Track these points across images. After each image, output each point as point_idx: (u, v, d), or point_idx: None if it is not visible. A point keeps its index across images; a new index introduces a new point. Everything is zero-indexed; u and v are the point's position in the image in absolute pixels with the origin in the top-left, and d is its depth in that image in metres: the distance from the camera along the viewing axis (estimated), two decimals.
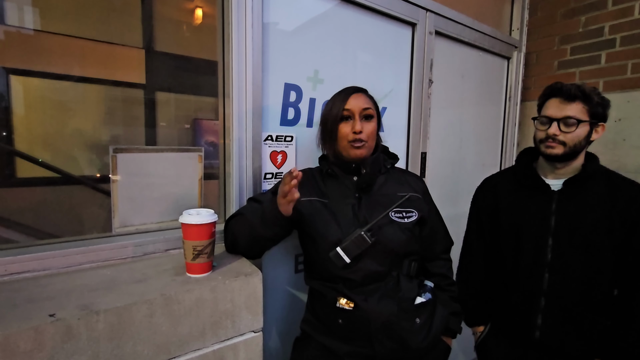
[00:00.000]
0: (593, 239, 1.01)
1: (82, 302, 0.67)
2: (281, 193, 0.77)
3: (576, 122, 0.98)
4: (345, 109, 0.90)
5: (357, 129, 0.88)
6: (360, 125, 0.89)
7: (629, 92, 1.69)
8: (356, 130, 0.88)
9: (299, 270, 1.23)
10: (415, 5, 1.44)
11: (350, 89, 0.94)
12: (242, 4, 0.99)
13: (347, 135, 0.90)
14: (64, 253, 0.82)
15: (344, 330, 0.89)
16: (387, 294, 0.89)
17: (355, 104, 0.90)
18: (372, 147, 0.95)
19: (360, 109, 0.90)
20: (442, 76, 1.64)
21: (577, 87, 0.99)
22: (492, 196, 1.21)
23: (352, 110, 0.90)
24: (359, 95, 0.92)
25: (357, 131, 0.88)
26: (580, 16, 1.84)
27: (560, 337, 1.03)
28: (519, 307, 1.09)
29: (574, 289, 1.02)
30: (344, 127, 0.90)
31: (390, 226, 0.90)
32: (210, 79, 3.26)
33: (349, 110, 0.90)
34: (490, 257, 1.20)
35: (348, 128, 0.90)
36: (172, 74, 2.95)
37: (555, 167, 1.08)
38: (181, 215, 0.80)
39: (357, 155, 0.91)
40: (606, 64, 1.76)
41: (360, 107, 0.90)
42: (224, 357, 0.80)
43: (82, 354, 0.63)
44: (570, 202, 1.04)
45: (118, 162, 0.91)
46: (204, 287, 0.77)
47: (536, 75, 2.03)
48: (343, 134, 0.90)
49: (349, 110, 0.90)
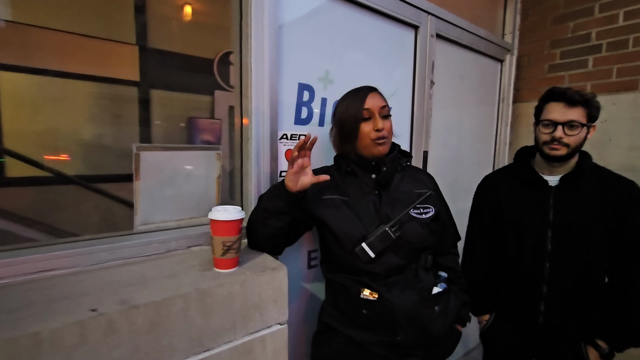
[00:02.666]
0: (588, 230, 1.08)
1: (120, 298, 0.68)
2: (290, 161, 0.83)
3: (579, 126, 1.05)
4: (365, 109, 0.93)
5: (379, 126, 0.92)
6: (382, 122, 0.93)
7: (614, 95, 1.79)
8: (379, 128, 0.92)
9: (311, 266, 1.26)
10: (418, 8, 1.49)
11: (365, 89, 0.98)
12: (259, 6, 1.02)
13: (370, 134, 0.93)
14: (90, 251, 0.82)
15: (369, 320, 0.93)
16: (408, 285, 0.94)
17: (374, 103, 0.94)
18: (390, 144, 0.99)
19: (378, 108, 0.94)
20: (442, 78, 1.70)
21: (578, 93, 1.06)
22: (493, 193, 1.27)
23: (371, 110, 0.94)
24: (375, 95, 0.96)
25: (380, 129, 0.92)
26: (569, 22, 1.94)
27: (561, 321, 1.10)
28: (522, 295, 1.16)
29: (573, 276, 1.09)
30: (365, 126, 0.94)
31: (411, 222, 0.95)
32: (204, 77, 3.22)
33: (368, 109, 0.94)
34: (493, 250, 1.27)
35: (369, 127, 0.94)
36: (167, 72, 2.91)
37: (552, 165, 1.15)
38: (210, 212, 0.82)
39: (381, 152, 0.95)
40: (593, 68, 1.87)
41: (378, 106, 0.94)
42: (252, 349, 0.83)
43: (123, 348, 0.65)
44: (567, 196, 1.12)
45: (141, 160, 0.92)
46: (234, 282, 0.79)
47: (527, 77, 2.12)
48: (365, 133, 0.94)
49: (369, 110, 0.94)
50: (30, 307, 0.63)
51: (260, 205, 0.90)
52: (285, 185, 0.86)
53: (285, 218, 0.88)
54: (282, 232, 0.91)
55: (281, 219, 0.88)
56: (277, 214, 0.87)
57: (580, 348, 1.11)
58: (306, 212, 0.97)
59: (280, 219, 0.88)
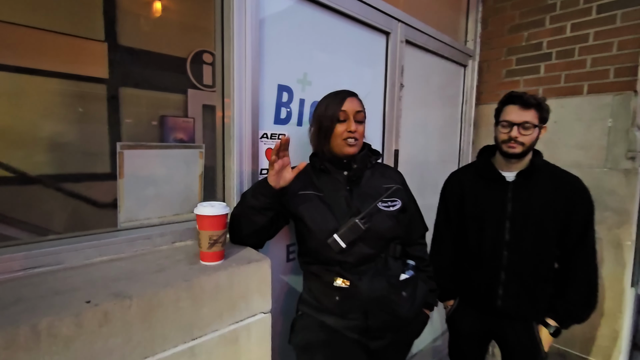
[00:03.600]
0: (541, 220, 1.22)
1: (111, 291, 0.71)
2: (270, 163, 0.90)
3: (532, 126, 1.18)
4: (342, 111, 1.01)
5: (352, 128, 1.00)
6: (355, 125, 1.01)
7: (563, 99, 1.99)
8: (351, 130, 1.00)
9: (290, 259, 1.32)
10: (390, 16, 1.59)
11: (345, 92, 1.05)
12: (242, 8, 1.06)
13: (342, 134, 1.01)
14: (75, 247, 0.84)
15: (341, 307, 1.01)
16: (377, 272, 1.02)
17: (350, 107, 1.02)
18: (361, 145, 1.07)
19: (354, 111, 1.02)
20: (411, 81, 1.81)
21: (532, 97, 1.20)
22: (458, 188, 1.40)
23: (347, 112, 1.01)
24: (354, 99, 1.04)
25: (352, 130, 1.00)
26: (523, 31, 2.12)
27: (517, 303, 1.24)
28: (483, 281, 1.28)
29: (528, 263, 1.23)
30: (339, 126, 1.01)
31: (379, 214, 1.03)
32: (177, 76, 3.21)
33: (345, 112, 1.01)
34: (457, 241, 1.39)
35: (343, 128, 1.01)
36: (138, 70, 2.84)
37: (510, 162, 1.28)
38: (197, 208, 0.86)
39: (350, 152, 1.03)
40: (544, 74, 2.06)
41: (354, 110, 1.02)
42: (238, 336, 0.88)
43: (118, 337, 0.68)
44: (523, 190, 1.25)
45: (125, 158, 0.94)
46: (221, 273, 0.83)
47: (487, 81, 2.29)
48: (338, 133, 1.01)
49: (345, 112, 1.01)
50: (22, 302, 0.65)
51: (246, 203, 0.94)
52: (266, 182, 0.92)
53: (269, 213, 0.94)
54: (266, 226, 0.97)
55: (266, 214, 0.94)
56: (263, 209, 0.93)
57: (532, 327, 1.25)
58: (285, 207, 1.03)
59: (265, 214, 0.94)
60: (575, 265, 1.21)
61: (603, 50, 1.83)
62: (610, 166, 1.84)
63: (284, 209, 1.03)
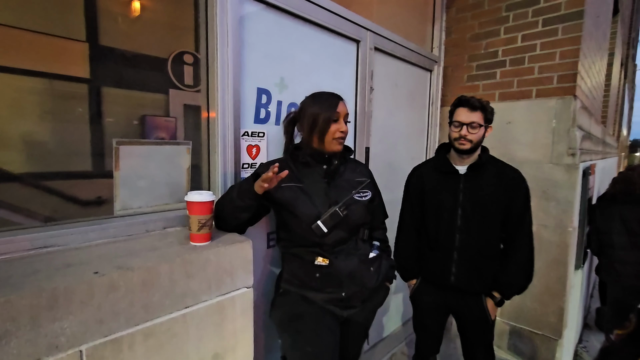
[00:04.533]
0: (487, 208, 1.42)
1: (115, 264, 0.83)
2: (265, 178, 1.01)
3: (479, 126, 1.37)
4: (337, 112, 1.16)
5: (344, 129, 1.16)
6: (345, 126, 1.17)
7: (515, 102, 2.22)
8: (344, 131, 1.15)
9: (270, 246, 1.46)
10: (360, 26, 1.75)
11: (337, 96, 1.20)
12: (224, 18, 1.19)
13: (334, 133, 1.16)
14: (78, 231, 0.95)
15: (321, 282, 1.17)
16: (350, 252, 1.19)
17: (343, 110, 1.18)
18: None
19: (345, 114, 1.18)
20: (380, 84, 1.99)
21: (477, 100, 1.39)
22: (419, 181, 1.58)
23: (340, 114, 1.17)
24: (344, 103, 1.20)
25: (344, 131, 1.16)
26: (482, 40, 2.35)
27: (467, 279, 1.43)
28: (439, 261, 1.47)
29: (476, 245, 1.42)
30: (333, 126, 1.16)
31: (354, 204, 1.20)
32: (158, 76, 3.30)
33: (339, 113, 1.16)
34: (419, 227, 1.57)
35: (336, 127, 1.16)
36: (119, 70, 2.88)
37: (462, 158, 1.47)
38: (187, 195, 0.99)
39: (338, 149, 1.19)
40: (500, 79, 2.28)
41: (345, 113, 1.18)
42: (224, 307, 1.01)
43: (122, 302, 0.80)
44: (472, 182, 1.44)
45: (120, 153, 1.05)
46: (209, 251, 0.97)
47: (451, 85, 2.51)
48: (332, 132, 1.16)
49: (339, 114, 1.16)
50: (39, 272, 0.77)
51: (232, 203, 1.07)
52: (252, 187, 1.05)
53: (253, 209, 1.10)
54: (250, 218, 1.12)
55: (250, 211, 1.09)
56: (248, 208, 1.08)
57: (481, 299, 1.45)
58: (267, 199, 1.17)
59: (250, 211, 1.09)
60: (515, 245, 1.42)
61: (548, 59, 2.07)
62: (554, 161, 2.08)
63: (267, 200, 1.17)
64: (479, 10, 2.33)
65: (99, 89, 2.96)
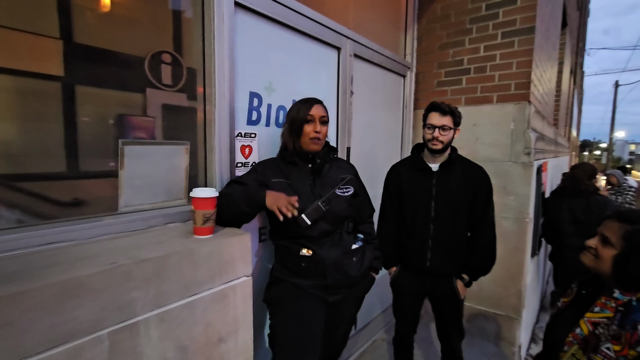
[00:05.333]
0: (456, 200, 1.59)
1: (129, 255, 0.90)
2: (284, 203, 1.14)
3: (449, 128, 1.54)
4: (310, 114, 1.27)
5: (317, 129, 1.27)
6: (320, 127, 1.28)
7: (480, 106, 2.45)
8: (317, 130, 1.26)
9: (262, 240, 1.55)
10: (341, 34, 1.88)
11: (313, 100, 1.32)
12: (221, 28, 1.27)
13: (310, 134, 1.27)
14: (87, 227, 1.00)
15: (306, 270, 1.28)
16: (334, 244, 1.31)
17: (317, 112, 1.28)
18: (323, 144, 1.34)
19: (319, 116, 1.29)
20: (359, 89, 2.13)
21: (447, 106, 1.56)
22: (397, 177, 1.73)
23: (314, 116, 1.28)
24: (319, 106, 1.31)
25: (317, 131, 1.26)
26: (449, 49, 2.56)
27: (441, 263, 1.60)
28: (416, 248, 1.63)
29: (447, 233, 1.59)
30: (307, 127, 1.27)
31: (336, 199, 1.31)
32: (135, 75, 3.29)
33: (312, 115, 1.27)
34: (397, 219, 1.72)
35: (310, 128, 1.27)
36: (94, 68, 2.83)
37: (434, 156, 1.63)
38: (192, 192, 1.06)
39: (314, 149, 1.29)
40: (466, 85, 2.50)
41: (320, 114, 1.29)
42: (227, 294, 1.10)
43: (138, 290, 0.87)
44: (443, 178, 1.62)
45: (125, 152, 1.11)
46: (213, 243, 1.05)
47: (423, 90, 2.71)
48: (306, 132, 1.27)
49: (312, 116, 1.27)
50: (58, 265, 0.82)
51: (239, 208, 1.16)
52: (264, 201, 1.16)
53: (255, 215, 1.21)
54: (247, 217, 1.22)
55: (253, 217, 1.22)
56: (253, 214, 1.19)
57: (452, 281, 1.62)
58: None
59: (253, 216, 1.22)
60: (479, 233, 1.60)
61: (506, 68, 2.31)
62: (513, 160, 2.32)
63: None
64: (446, 22, 2.54)
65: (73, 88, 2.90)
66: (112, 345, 0.83)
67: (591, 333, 0.93)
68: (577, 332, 0.96)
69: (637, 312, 0.88)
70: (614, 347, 0.87)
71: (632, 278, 0.91)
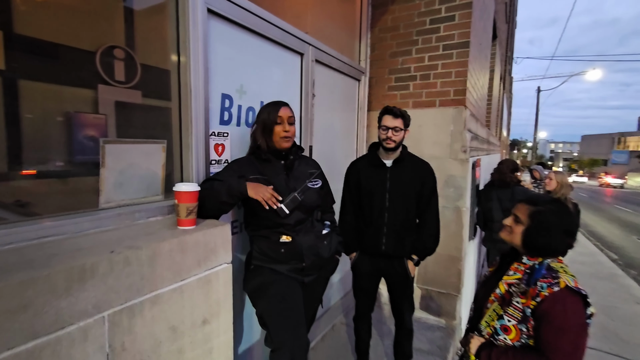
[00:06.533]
0: (407, 192, 1.84)
1: (124, 245, 0.98)
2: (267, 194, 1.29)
3: (400, 129, 1.78)
4: (279, 116, 1.41)
5: (287, 129, 1.41)
6: (289, 127, 1.43)
7: (424, 109, 2.76)
8: (286, 130, 1.41)
9: (234, 233, 1.66)
10: (303, 41, 2.04)
11: (281, 103, 1.46)
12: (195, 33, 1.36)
13: (280, 133, 1.42)
14: (75, 221, 1.05)
15: (285, 256, 1.43)
16: (308, 230, 1.48)
17: (285, 113, 1.43)
18: (293, 141, 1.49)
19: (287, 117, 1.44)
20: (320, 91, 2.30)
21: (399, 110, 1.79)
22: (356, 172, 1.94)
23: (282, 117, 1.42)
24: (287, 108, 1.46)
25: (287, 130, 1.41)
26: (399, 57, 2.84)
27: (394, 247, 1.84)
28: (373, 235, 1.85)
29: (399, 220, 1.84)
30: (277, 128, 1.42)
31: (309, 190, 1.48)
32: (85, 70, 3.19)
33: (281, 117, 1.42)
34: (356, 210, 1.93)
35: (280, 128, 1.42)
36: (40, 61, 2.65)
37: (388, 154, 1.87)
38: (175, 186, 1.15)
39: (286, 146, 1.44)
40: (413, 90, 2.80)
41: (287, 115, 1.44)
42: (211, 279, 1.21)
43: (135, 276, 0.96)
44: (396, 172, 1.86)
45: (106, 151, 1.16)
46: (198, 233, 1.16)
47: (375, 93, 2.96)
48: (277, 132, 1.42)
49: (281, 117, 1.42)
50: (59, 255, 0.88)
51: (220, 199, 1.27)
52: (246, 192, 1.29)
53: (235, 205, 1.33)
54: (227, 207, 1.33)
55: (233, 206, 1.33)
56: (233, 204, 1.30)
57: (404, 262, 1.87)
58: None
59: (233, 206, 1.33)
60: (425, 219, 1.88)
61: (446, 77, 2.64)
62: (452, 157, 2.66)
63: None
64: (396, 32, 2.82)
65: (15, 82, 2.73)
66: (111, 325, 0.91)
67: (507, 291, 1.21)
68: (497, 292, 1.23)
69: (538, 273, 1.16)
70: (521, 300, 1.15)
71: (536, 246, 1.19)
